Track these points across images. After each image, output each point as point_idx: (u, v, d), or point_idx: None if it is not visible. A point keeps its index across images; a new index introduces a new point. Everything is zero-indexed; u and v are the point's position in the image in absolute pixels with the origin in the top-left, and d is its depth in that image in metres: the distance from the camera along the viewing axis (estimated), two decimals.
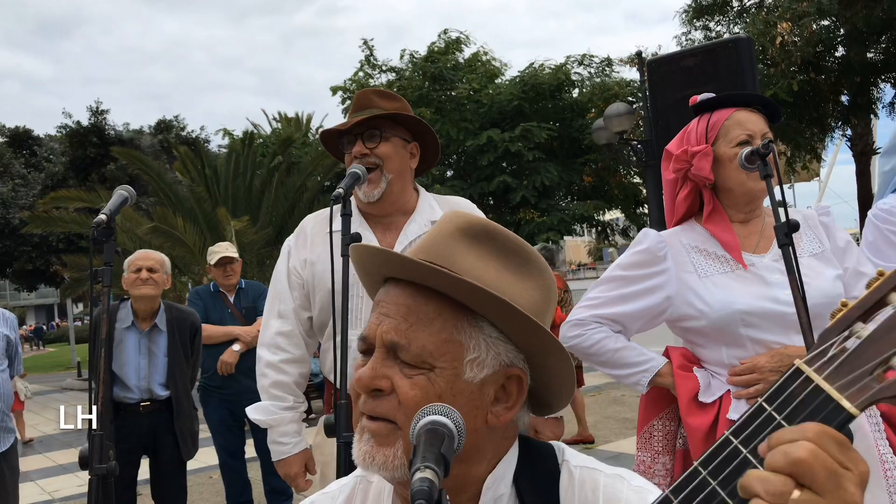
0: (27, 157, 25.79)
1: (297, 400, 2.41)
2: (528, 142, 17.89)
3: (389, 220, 2.34)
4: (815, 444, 0.61)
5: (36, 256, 22.73)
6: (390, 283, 0.98)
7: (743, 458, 0.67)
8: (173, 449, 4.01)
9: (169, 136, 24.81)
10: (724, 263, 1.96)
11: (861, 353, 0.66)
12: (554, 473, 0.98)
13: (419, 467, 0.70)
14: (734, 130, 1.96)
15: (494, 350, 0.95)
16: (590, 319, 2.02)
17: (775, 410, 0.67)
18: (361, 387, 0.92)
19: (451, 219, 1.02)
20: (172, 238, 13.16)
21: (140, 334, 3.98)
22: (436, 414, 0.79)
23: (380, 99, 2.32)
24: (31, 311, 59.58)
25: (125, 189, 2.07)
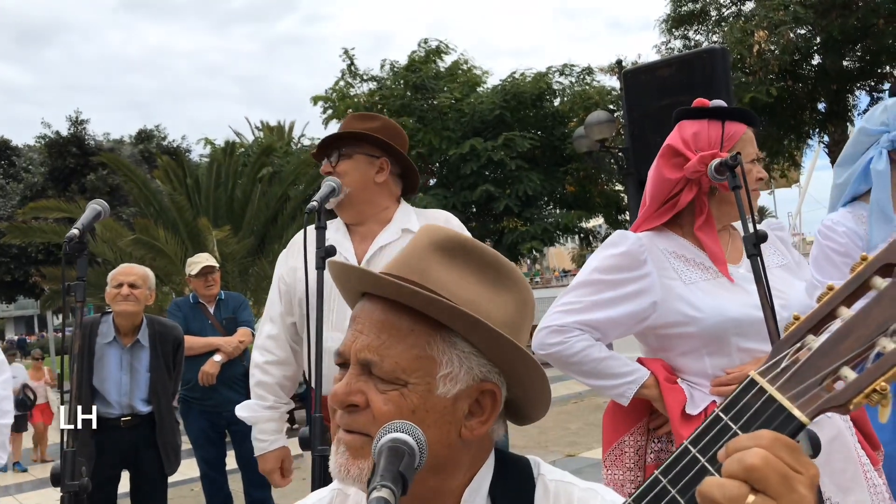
0: (5, 167, 25.54)
1: (278, 400, 2.56)
2: (511, 151, 17.96)
3: (366, 229, 2.50)
4: (768, 451, 0.64)
5: (15, 268, 22.50)
6: (366, 297, 1.00)
7: (701, 466, 0.70)
8: (154, 463, 3.99)
9: (150, 145, 24.70)
10: (704, 271, 1.94)
11: (811, 365, 0.69)
12: (529, 486, 1.00)
13: (376, 486, 0.71)
14: (749, 147, 1.97)
15: (467, 365, 0.96)
16: (572, 326, 1.91)
17: (731, 420, 0.70)
18: (336, 402, 0.94)
19: (426, 233, 1.03)
20: (154, 249, 13.08)
21: (122, 350, 3.95)
22: (397, 431, 0.80)
23: (356, 122, 2.54)
24: (11, 323, 58.86)
25: (98, 203, 2.09)
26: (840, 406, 0.67)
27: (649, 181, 2.06)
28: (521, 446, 7.69)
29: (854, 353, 0.68)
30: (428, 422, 0.93)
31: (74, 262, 1.98)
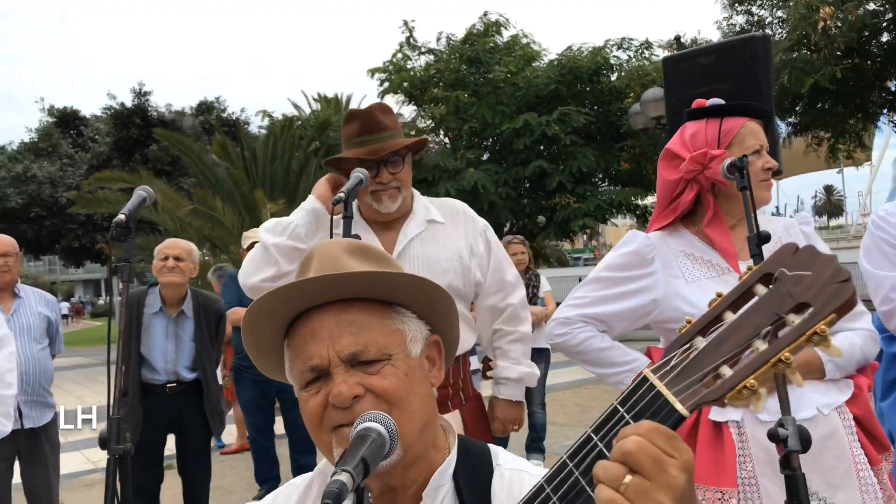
0: (74, 137, 26.45)
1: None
2: (566, 126, 17.73)
3: (391, 222, 2.51)
4: (644, 438, 0.73)
5: (82, 234, 23.40)
6: (309, 315, 1.09)
7: (599, 450, 0.80)
8: (199, 427, 4.21)
9: (210, 117, 25.22)
10: (710, 269, 2.00)
11: (696, 363, 0.78)
12: (487, 473, 1.11)
13: (337, 470, 0.82)
14: (749, 140, 2.00)
15: (416, 326, 1.14)
16: (576, 318, 2.09)
17: (626, 411, 0.79)
18: (342, 401, 1.02)
19: (334, 243, 1.19)
20: (212, 220, 13.48)
21: (167, 320, 4.17)
22: (368, 421, 0.93)
23: (385, 118, 2.51)
24: (80, 286, 61.28)
25: (144, 189, 2.20)
26: (716, 400, 0.76)
27: (657, 183, 2.15)
28: (562, 423, 7.79)
29: (732, 353, 0.76)
30: (416, 380, 1.09)
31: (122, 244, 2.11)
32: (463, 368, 2.52)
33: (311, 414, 1.06)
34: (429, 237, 2.48)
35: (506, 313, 2.60)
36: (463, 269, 2.47)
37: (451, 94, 18.63)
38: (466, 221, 2.58)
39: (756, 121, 2.04)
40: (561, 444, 6.36)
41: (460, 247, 2.49)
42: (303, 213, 2.43)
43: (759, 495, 1.83)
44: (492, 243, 2.59)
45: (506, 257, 2.66)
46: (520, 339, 2.63)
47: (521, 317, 2.63)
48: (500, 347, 2.62)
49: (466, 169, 17.74)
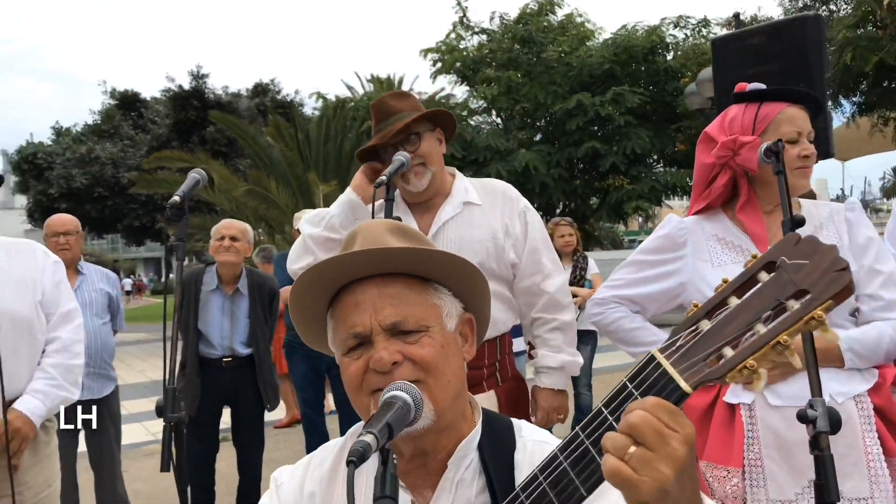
0: (135, 119, 27.17)
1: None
2: (619, 106, 17.49)
3: (428, 204, 2.55)
4: (648, 412, 0.80)
5: (143, 214, 24.12)
6: (352, 287, 1.17)
7: (609, 423, 0.86)
8: (253, 401, 4.37)
9: (265, 99, 25.60)
10: (739, 253, 2.02)
11: (700, 344, 0.83)
12: (511, 444, 1.18)
13: (363, 432, 0.90)
14: (785, 126, 1.99)
15: (451, 302, 1.22)
16: (610, 299, 2.21)
17: (634, 387, 0.86)
18: (383, 365, 1.10)
19: (376, 222, 1.29)
20: (266, 200, 13.77)
21: (223, 297, 4.33)
22: (395, 390, 1.01)
23: (396, 101, 2.54)
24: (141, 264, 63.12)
25: (197, 172, 2.29)
26: (717, 378, 0.81)
27: (695, 166, 2.17)
28: None
29: (734, 335, 0.81)
30: (451, 352, 1.17)
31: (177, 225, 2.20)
32: (501, 349, 2.52)
33: (352, 377, 1.15)
34: (463, 219, 2.51)
35: (544, 300, 2.56)
36: (497, 250, 2.48)
37: (503, 75, 18.54)
38: (505, 202, 2.58)
39: (799, 106, 2.02)
40: None
41: (495, 227, 2.50)
42: (339, 204, 2.52)
43: (763, 477, 1.87)
44: (529, 224, 2.57)
45: (545, 240, 2.63)
46: (560, 328, 2.58)
47: (562, 304, 2.59)
48: (539, 336, 2.60)
49: (518, 150, 17.68)
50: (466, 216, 2.51)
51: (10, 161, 31.55)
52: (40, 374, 2.64)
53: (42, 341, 2.68)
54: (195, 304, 4.17)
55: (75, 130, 28.10)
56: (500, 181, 2.72)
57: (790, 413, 1.81)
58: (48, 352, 2.69)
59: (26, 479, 2.60)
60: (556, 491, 0.88)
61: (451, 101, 20.63)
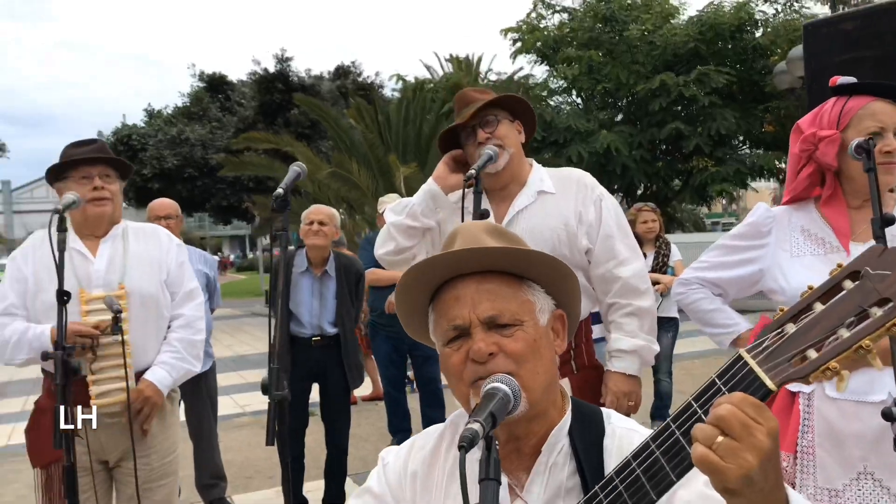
0: (222, 101, 28.00)
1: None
2: (704, 86, 17.03)
3: (505, 192, 2.61)
4: (735, 406, 0.87)
5: (230, 194, 24.91)
6: (453, 283, 1.27)
7: (698, 415, 0.94)
8: (339, 378, 4.56)
9: (346, 81, 25.98)
10: (820, 245, 2.04)
11: (786, 346, 0.89)
12: (600, 431, 1.26)
13: (470, 420, 1.00)
14: (866, 121, 1.98)
15: (544, 299, 1.30)
16: (693, 280, 2.32)
17: (723, 384, 0.93)
18: (481, 355, 1.20)
19: (475, 224, 1.39)
20: (348, 182, 14.05)
21: (313, 279, 4.53)
22: (496, 382, 1.11)
23: (479, 94, 2.64)
24: (227, 242, 65.28)
25: (298, 166, 2.42)
26: (801, 378, 0.87)
27: (789, 156, 2.19)
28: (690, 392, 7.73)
29: (818, 338, 0.87)
30: (543, 346, 1.25)
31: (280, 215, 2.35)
32: (577, 337, 2.57)
33: (453, 367, 1.24)
34: (536, 208, 2.56)
35: (619, 286, 2.56)
36: (569, 237, 2.52)
37: (584, 54, 18.30)
38: (580, 189, 2.60)
39: (887, 100, 2.00)
40: None
41: (567, 215, 2.54)
42: (421, 194, 2.60)
43: (814, 465, 1.92)
44: (604, 211, 2.58)
45: (620, 227, 2.62)
46: (635, 313, 2.56)
47: (638, 289, 2.57)
48: (613, 321, 2.58)
49: (599, 131, 17.46)
50: (540, 205, 2.57)
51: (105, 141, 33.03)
52: (166, 348, 2.88)
53: (167, 318, 2.92)
54: (286, 285, 4.38)
55: (166, 113, 29.17)
56: (578, 170, 2.74)
57: (847, 406, 1.87)
58: (173, 327, 2.92)
59: (154, 444, 2.85)
60: (648, 476, 0.96)
61: (530, 80, 20.52)
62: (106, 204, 2.81)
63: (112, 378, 2.69)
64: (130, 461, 2.76)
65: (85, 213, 2.80)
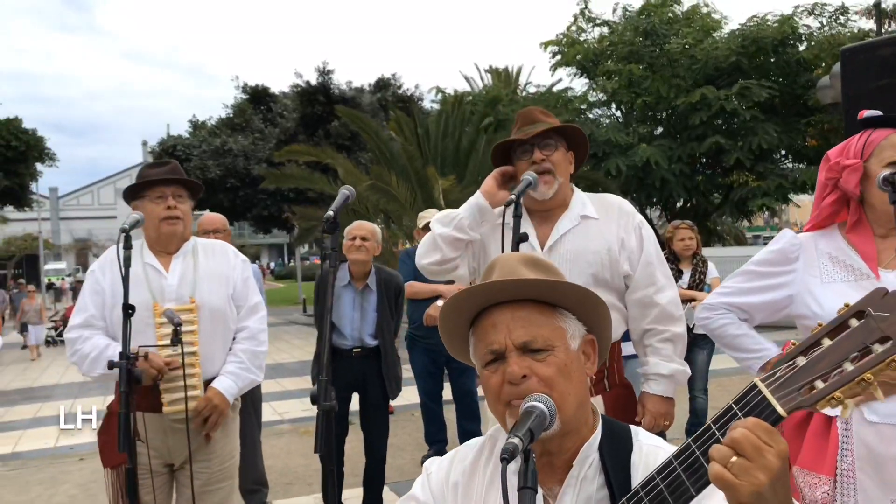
0: (264, 113, 28.56)
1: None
2: (746, 100, 16.89)
3: (547, 215, 2.69)
4: (748, 430, 0.96)
5: (271, 204, 25.39)
6: (490, 310, 1.37)
7: (716, 437, 1.04)
8: (379, 389, 4.68)
9: (386, 94, 26.33)
10: (850, 272, 2.09)
11: (796, 377, 0.99)
12: (628, 447, 1.36)
13: (510, 436, 1.10)
14: (886, 151, 2.06)
15: (575, 325, 1.39)
16: (719, 306, 2.35)
17: (739, 409, 1.03)
18: (514, 377, 1.31)
19: (513, 255, 1.50)
20: (387, 194, 14.24)
21: (354, 292, 4.67)
22: (534, 401, 1.22)
23: (543, 116, 2.72)
24: (265, 250, 66.19)
25: (347, 189, 2.54)
26: (809, 405, 0.96)
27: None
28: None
29: (825, 371, 0.96)
30: (573, 369, 1.35)
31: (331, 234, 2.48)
32: (610, 356, 2.64)
33: (492, 388, 1.36)
34: (580, 231, 2.64)
35: (656, 312, 2.65)
36: (611, 262, 2.60)
37: (624, 68, 18.29)
38: (621, 216, 2.69)
39: None
40: None
41: (610, 240, 2.62)
42: (468, 207, 2.69)
43: (854, 488, 1.96)
44: (645, 239, 2.68)
45: (658, 254, 2.72)
46: (671, 339, 2.67)
47: (674, 316, 2.68)
48: (651, 345, 2.68)
49: (639, 144, 17.41)
50: (583, 229, 2.65)
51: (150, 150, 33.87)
52: (232, 359, 3.04)
53: (233, 330, 3.08)
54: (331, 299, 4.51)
55: (210, 124, 29.82)
56: (617, 197, 2.82)
57: (886, 430, 1.93)
58: (238, 339, 3.09)
59: (216, 449, 3.01)
60: (670, 490, 1.06)
61: (568, 93, 20.57)
62: (178, 223, 2.99)
63: (182, 387, 2.84)
64: (194, 464, 2.92)
65: (158, 231, 2.99)
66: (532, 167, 2.61)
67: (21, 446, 7.92)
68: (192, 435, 2.86)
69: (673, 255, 5.85)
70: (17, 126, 27.45)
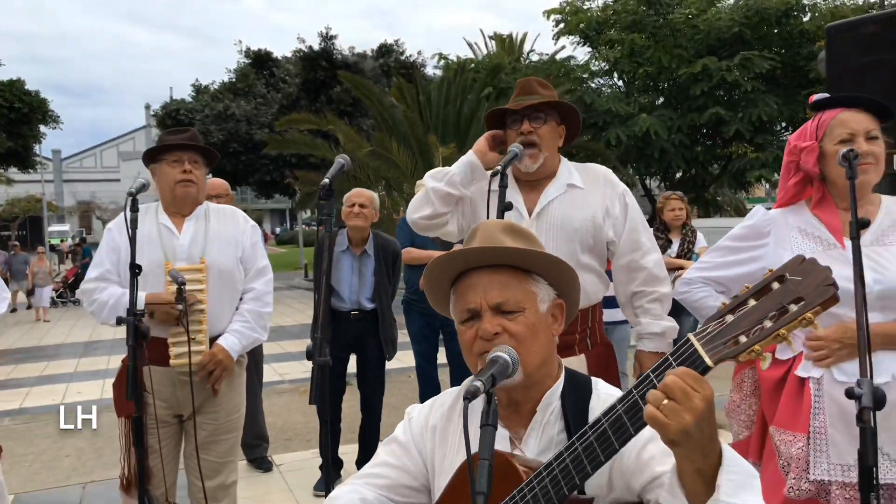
0: (267, 77, 28.46)
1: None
2: (748, 71, 16.89)
3: (535, 183, 2.80)
4: (678, 377, 1.11)
5: (273, 169, 25.43)
6: (470, 273, 1.52)
7: (653, 383, 1.19)
8: (376, 350, 4.86)
9: (389, 60, 26.22)
10: (819, 243, 2.24)
11: (724, 332, 1.13)
12: (587, 395, 1.52)
13: (474, 379, 1.26)
14: (837, 129, 2.20)
15: (546, 290, 1.54)
16: (697, 280, 2.50)
17: (674, 360, 1.17)
18: (487, 334, 1.47)
19: (494, 223, 1.66)
20: (387, 160, 14.34)
21: (353, 257, 4.82)
22: (499, 351, 1.37)
23: (540, 88, 2.81)
24: (267, 215, 66.23)
25: (343, 158, 2.67)
26: (732, 357, 1.12)
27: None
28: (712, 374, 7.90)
29: (748, 327, 1.11)
30: (540, 329, 1.51)
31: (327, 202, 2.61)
32: (592, 318, 2.78)
33: (466, 342, 1.52)
34: (566, 200, 2.74)
35: (643, 275, 2.77)
36: (595, 229, 2.72)
37: (627, 37, 18.25)
38: (606, 185, 2.80)
39: (857, 109, 2.21)
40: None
41: (595, 208, 2.73)
42: (460, 164, 2.79)
43: (826, 444, 2.12)
44: (629, 207, 2.80)
45: (642, 221, 2.84)
46: (659, 299, 2.79)
47: (660, 277, 2.80)
48: (641, 306, 2.81)
49: (639, 114, 17.45)
50: (570, 197, 2.75)
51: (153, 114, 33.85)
52: (238, 318, 3.22)
53: (240, 291, 3.25)
54: (328, 263, 4.67)
55: (213, 88, 29.73)
56: (602, 167, 2.93)
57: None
58: (245, 299, 3.26)
59: (222, 402, 3.19)
60: (613, 429, 1.21)
61: (571, 62, 20.53)
62: (192, 186, 3.15)
63: (188, 342, 3.01)
64: (201, 415, 3.12)
65: (173, 194, 3.15)
66: (520, 138, 2.71)
67: (28, 402, 8.15)
68: (200, 388, 3.05)
69: (663, 224, 6.01)
70: (20, 87, 27.41)
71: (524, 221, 2.71)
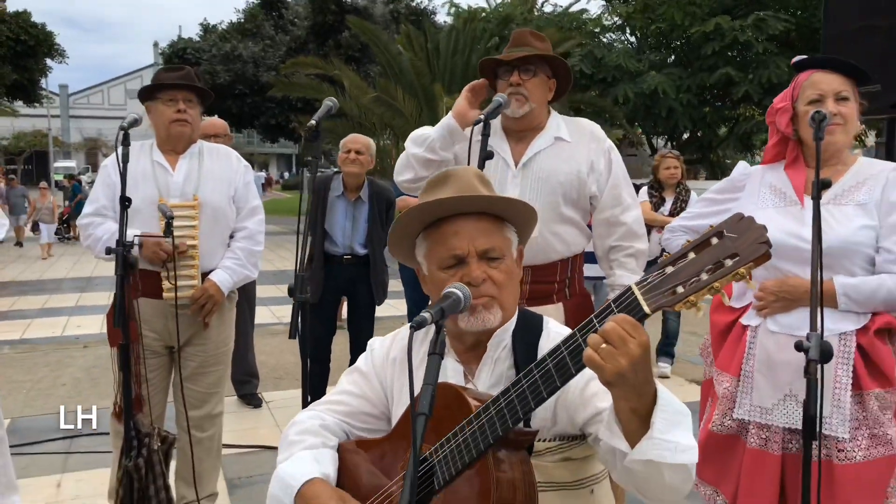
0: (276, 19, 28.13)
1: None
2: (761, 32, 16.61)
3: (522, 135, 2.83)
4: (616, 323, 1.18)
5: (278, 113, 25.32)
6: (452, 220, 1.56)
7: (595, 327, 1.25)
8: (366, 294, 4.95)
9: (399, 6, 25.87)
10: (782, 199, 2.33)
11: (663, 282, 1.19)
12: (537, 334, 1.60)
13: (424, 311, 1.31)
14: (808, 90, 2.27)
15: (514, 237, 1.63)
16: (678, 228, 2.65)
17: (616, 306, 1.23)
18: (476, 280, 1.52)
19: (465, 170, 1.67)
20: (392, 108, 14.26)
21: (347, 203, 4.87)
22: (453, 287, 1.41)
23: (534, 39, 2.82)
24: (274, 159, 66.05)
25: (330, 100, 2.74)
26: (670, 306, 1.18)
27: None
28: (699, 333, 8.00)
29: (686, 279, 1.17)
30: (514, 275, 1.60)
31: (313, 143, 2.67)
32: (572, 268, 2.85)
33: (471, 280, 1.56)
34: (553, 152, 2.79)
35: (622, 230, 2.84)
36: (579, 183, 2.77)
37: None
38: (592, 140, 2.84)
39: (827, 71, 2.26)
40: (693, 352, 6.64)
41: (580, 162, 2.78)
42: (439, 129, 2.80)
43: (752, 387, 2.28)
44: (613, 163, 2.84)
45: (625, 177, 2.88)
46: (634, 255, 2.87)
47: (638, 234, 2.87)
48: (617, 259, 2.87)
49: (648, 72, 17.25)
50: (556, 150, 2.80)
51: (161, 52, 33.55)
52: (229, 255, 3.31)
53: (231, 228, 3.34)
54: (323, 206, 4.74)
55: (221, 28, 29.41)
56: (590, 121, 2.95)
57: (782, 339, 2.22)
58: (237, 237, 3.35)
59: (211, 335, 3.31)
60: (556, 368, 1.28)
61: (583, 15, 20.24)
62: (185, 126, 3.21)
63: (181, 276, 3.13)
64: (190, 347, 3.25)
65: (168, 132, 3.21)
66: (509, 89, 2.74)
67: (29, 333, 8.31)
68: (191, 321, 3.19)
69: (658, 183, 6.05)
70: (25, 20, 27.15)
71: (510, 172, 2.77)
